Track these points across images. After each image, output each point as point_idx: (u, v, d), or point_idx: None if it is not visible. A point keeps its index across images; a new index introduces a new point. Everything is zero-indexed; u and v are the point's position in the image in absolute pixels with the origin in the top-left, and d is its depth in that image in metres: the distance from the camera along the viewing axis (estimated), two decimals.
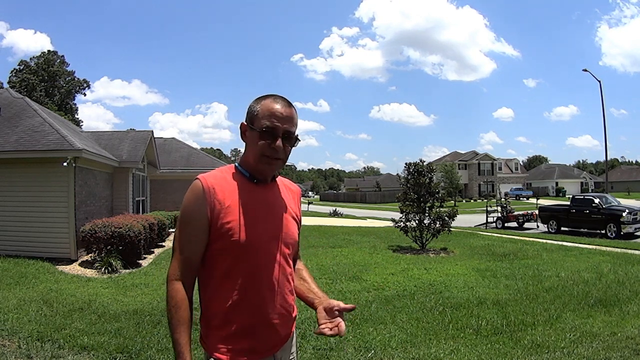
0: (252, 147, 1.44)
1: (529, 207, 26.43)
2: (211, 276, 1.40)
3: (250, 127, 1.44)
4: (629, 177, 62.12)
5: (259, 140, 1.41)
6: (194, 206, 1.38)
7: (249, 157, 1.46)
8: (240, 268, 1.38)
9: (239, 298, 1.37)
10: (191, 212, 1.38)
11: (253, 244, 1.38)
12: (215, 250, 1.38)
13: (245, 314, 1.38)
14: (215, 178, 1.42)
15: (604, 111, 26.43)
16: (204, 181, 1.40)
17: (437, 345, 4.04)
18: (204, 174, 1.44)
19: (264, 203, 1.46)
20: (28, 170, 9.11)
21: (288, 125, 1.43)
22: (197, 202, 1.37)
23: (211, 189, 1.38)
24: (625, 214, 14.19)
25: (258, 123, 1.42)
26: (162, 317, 4.95)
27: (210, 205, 1.37)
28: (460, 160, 57.89)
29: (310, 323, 4.66)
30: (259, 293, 1.40)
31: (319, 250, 10.34)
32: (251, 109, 1.46)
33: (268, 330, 1.42)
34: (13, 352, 3.91)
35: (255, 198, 1.44)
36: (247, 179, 1.46)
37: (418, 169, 10.70)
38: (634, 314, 4.90)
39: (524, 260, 8.70)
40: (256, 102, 1.47)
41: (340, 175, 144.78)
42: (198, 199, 1.37)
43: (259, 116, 1.42)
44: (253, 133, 1.43)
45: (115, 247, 8.16)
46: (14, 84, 41.12)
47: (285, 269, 1.47)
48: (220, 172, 1.48)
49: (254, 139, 1.42)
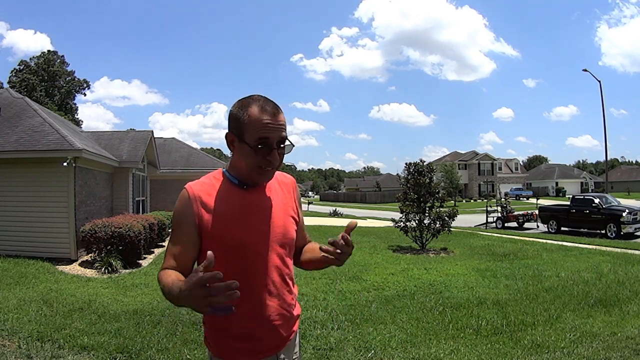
0: (244, 158, 1.37)
1: (529, 207, 26.43)
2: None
3: (240, 139, 1.36)
4: (629, 177, 62.12)
5: (251, 154, 1.34)
6: (182, 215, 1.39)
7: (240, 166, 1.41)
8: (234, 273, 1.33)
9: (237, 302, 1.36)
10: (180, 221, 1.40)
11: (244, 249, 1.38)
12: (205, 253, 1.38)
13: (245, 317, 1.38)
14: (202, 185, 1.43)
15: (604, 111, 26.47)
16: (189, 190, 1.40)
17: (437, 345, 4.04)
18: (191, 182, 1.44)
19: (255, 207, 1.43)
20: (28, 170, 9.11)
21: (281, 132, 1.36)
22: (184, 211, 1.39)
23: (197, 197, 1.39)
24: (625, 214, 14.19)
25: (249, 136, 1.33)
26: (162, 317, 4.96)
27: (197, 213, 1.37)
28: (460, 160, 57.89)
29: (310, 323, 4.66)
30: (255, 296, 1.40)
31: None
32: (237, 117, 1.36)
33: (269, 331, 1.43)
34: (13, 352, 3.91)
35: (244, 203, 1.42)
36: (237, 185, 1.43)
37: (418, 169, 10.71)
38: (634, 314, 4.90)
39: (524, 260, 8.70)
40: (241, 108, 1.37)
41: (340, 175, 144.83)
42: (185, 207, 1.39)
43: (248, 127, 1.34)
44: (243, 146, 1.35)
45: (115, 247, 8.16)
46: (14, 84, 41.12)
47: (282, 270, 1.46)
48: (207, 179, 1.47)
49: (246, 152, 1.35)
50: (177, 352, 3.89)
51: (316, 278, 7.01)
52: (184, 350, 3.92)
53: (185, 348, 3.98)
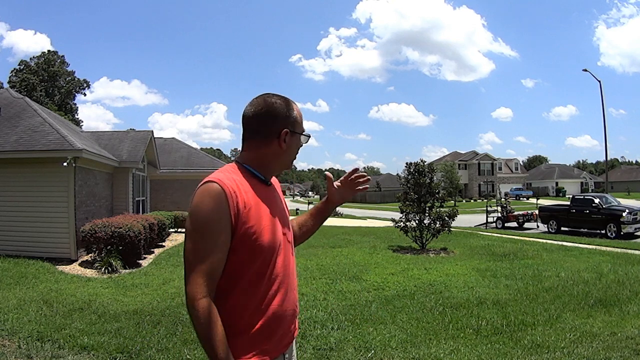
0: (289, 151, 1.45)
1: (529, 207, 26.42)
2: (235, 285, 1.32)
3: (293, 133, 1.44)
4: (629, 177, 62.11)
5: (299, 145, 1.48)
6: (216, 213, 1.25)
7: (272, 160, 1.44)
8: (268, 272, 1.34)
9: (268, 302, 1.35)
10: (213, 220, 1.25)
11: (275, 245, 1.37)
12: (239, 257, 1.31)
13: (272, 317, 1.36)
14: (233, 181, 1.32)
15: (604, 111, 26.43)
16: (224, 185, 1.28)
17: (437, 345, 4.04)
18: (218, 177, 1.31)
19: (274, 203, 1.45)
20: (28, 170, 9.11)
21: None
22: (219, 209, 1.26)
23: (233, 193, 1.28)
24: (625, 214, 14.19)
25: (300, 128, 1.46)
26: (162, 317, 4.96)
27: (233, 211, 1.27)
28: (460, 160, 57.89)
29: (310, 323, 4.66)
30: (285, 293, 1.39)
31: (319, 250, 10.34)
32: (287, 113, 1.43)
33: (286, 328, 1.43)
34: (13, 352, 3.91)
35: (269, 199, 1.42)
36: (262, 181, 1.44)
37: (418, 169, 10.70)
38: (634, 314, 4.90)
39: (524, 260, 8.70)
40: (286, 105, 1.44)
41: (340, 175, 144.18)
42: (220, 204, 1.26)
43: (298, 121, 1.45)
44: (296, 138, 1.45)
45: (115, 247, 8.16)
46: (14, 83, 41.10)
47: (294, 265, 1.50)
48: (231, 173, 1.37)
49: (297, 144, 1.47)
50: (177, 352, 3.89)
51: (316, 278, 7.02)
52: (184, 350, 3.93)
53: (185, 348, 3.98)
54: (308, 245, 11.02)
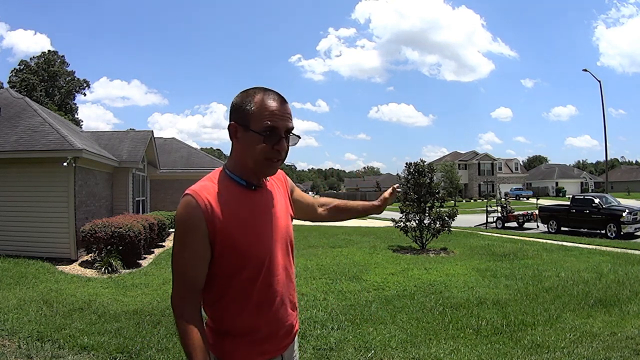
0: (249, 150, 1.30)
1: (529, 207, 26.41)
2: (223, 294, 1.32)
3: (246, 128, 1.29)
4: (629, 177, 62.13)
5: (259, 142, 1.28)
6: (191, 225, 1.24)
7: (245, 160, 1.33)
8: (254, 281, 1.32)
9: (256, 311, 1.34)
10: (190, 232, 1.25)
11: (259, 254, 1.33)
12: (222, 267, 1.29)
13: (263, 325, 1.36)
14: (207, 190, 1.28)
15: (604, 111, 26.42)
16: (196, 195, 1.25)
17: (437, 345, 4.04)
18: (194, 188, 1.28)
19: (264, 208, 1.39)
20: (28, 170, 9.11)
21: (288, 122, 1.32)
22: (194, 221, 1.24)
23: (206, 203, 1.25)
24: (625, 214, 14.19)
25: (257, 124, 1.28)
26: (162, 317, 4.96)
27: (209, 222, 1.24)
28: (460, 160, 57.89)
29: (310, 323, 4.66)
30: (274, 302, 1.38)
31: (319, 250, 10.35)
32: (241, 106, 1.31)
33: (278, 331, 1.42)
34: (13, 352, 3.91)
35: (254, 206, 1.36)
36: (244, 187, 1.35)
37: (418, 169, 10.70)
38: (634, 314, 4.90)
39: (524, 260, 8.70)
40: (245, 98, 1.31)
41: (340, 175, 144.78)
42: (195, 217, 1.24)
43: (255, 115, 1.28)
44: (250, 135, 1.29)
45: (115, 247, 8.16)
46: (14, 83, 41.11)
47: (288, 270, 1.45)
48: (210, 182, 1.33)
49: (252, 141, 1.29)
50: (177, 352, 3.89)
51: (316, 278, 7.02)
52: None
53: None
54: (308, 245, 11.04)
